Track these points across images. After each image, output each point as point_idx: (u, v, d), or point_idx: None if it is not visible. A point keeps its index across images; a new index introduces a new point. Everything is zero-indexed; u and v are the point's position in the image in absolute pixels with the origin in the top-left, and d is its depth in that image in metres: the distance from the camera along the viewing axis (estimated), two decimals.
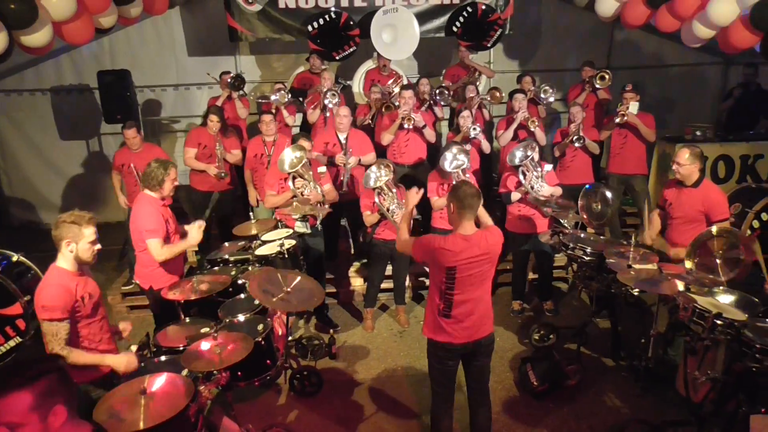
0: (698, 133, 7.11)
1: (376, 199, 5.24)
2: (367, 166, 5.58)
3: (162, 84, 8.75)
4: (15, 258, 4.90)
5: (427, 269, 6.37)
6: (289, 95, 6.94)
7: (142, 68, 8.38)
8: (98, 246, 3.37)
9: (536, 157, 5.53)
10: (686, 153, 4.57)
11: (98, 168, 8.63)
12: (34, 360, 2.00)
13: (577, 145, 6.32)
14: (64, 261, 3.29)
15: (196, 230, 4.37)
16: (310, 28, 7.49)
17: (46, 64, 8.23)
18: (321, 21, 7.48)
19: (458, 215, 3.39)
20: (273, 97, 6.84)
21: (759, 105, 7.53)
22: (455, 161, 5.33)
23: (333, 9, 7.53)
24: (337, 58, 7.71)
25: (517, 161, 5.46)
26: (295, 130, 7.14)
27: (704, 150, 6.69)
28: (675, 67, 9.06)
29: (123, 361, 3.33)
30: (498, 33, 7.82)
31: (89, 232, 3.28)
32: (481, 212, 3.73)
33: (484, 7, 7.71)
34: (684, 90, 9.11)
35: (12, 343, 4.68)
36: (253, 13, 7.67)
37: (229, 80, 7.16)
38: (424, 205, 5.58)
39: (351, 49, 7.65)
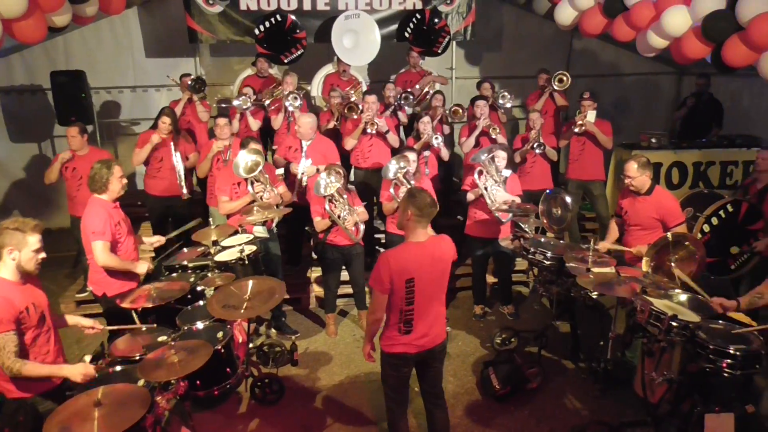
0: (653, 140, 7.31)
1: (327, 207, 5.21)
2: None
3: (119, 86, 8.56)
4: None
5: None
6: (252, 99, 6.83)
7: (98, 69, 8.18)
8: (42, 255, 3.22)
9: (502, 163, 5.58)
10: (634, 165, 4.67)
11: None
12: None
13: (537, 151, 6.42)
14: (6, 270, 3.12)
15: (144, 265, 4.41)
16: (256, 31, 7.45)
17: None
18: (267, 24, 7.43)
19: (415, 222, 3.35)
20: (236, 102, 6.73)
21: (711, 114, 7.78)
22: (397, 168, 5.29)
23: (288, 11, 7.51)
24: (285, 61, 7.68)
25: (478, 162, 5.51)
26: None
27: (659, 157, 7.00)
28: (631, 76, 9.31)
29: (80, 370, 3.17)
30: (446, 40, 7.90)
31: (33, 240, 3.14)
32: None
33: (435, 18, 7.75)
34: (639, 98, 9.37)
35: None
36: (214, 14, 7.58)
37: (189, 83, 7.02)
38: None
39: (298, 52, 7.64)
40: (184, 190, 6.17)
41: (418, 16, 7.79)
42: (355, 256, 5.61)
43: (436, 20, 7.81)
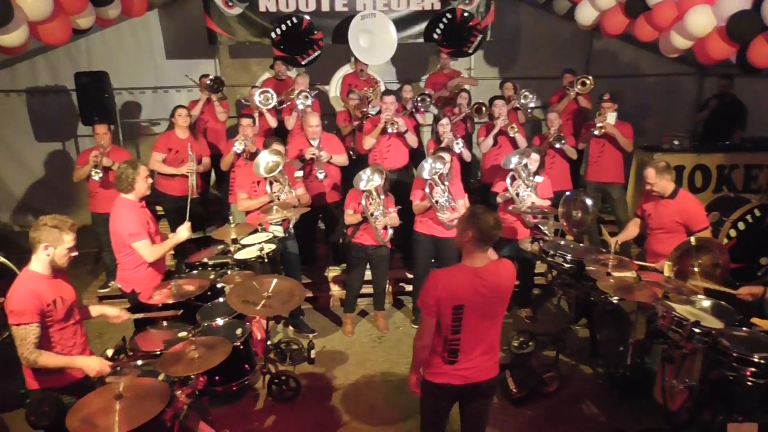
0: (675, 142, 7.22)
1: (363, 202, 5.22)
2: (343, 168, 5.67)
3: (140, 86, 8.65)
4: None
5: (409, 275, 6.42)
6: (273, 98, 6.85)
7: (119, 70, 8.25)
8: (75, 253, 3.32)
9: (533, 166, 5.55)
10: (652, 171, 4.63)
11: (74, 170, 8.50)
12: None
13: (557, 145, 6.34)
14: (38, 264, 3.23)
15: (184, 229, 4.43)
16: (273, 34, 7.49)
17: (21, 64, 8.06)
18: (283, 26, 7.49)
19: (475, 245, 3.00)
20: (257, 99, 6.75)
21: (734, 116, 7.64)
22: (432, 169, 5.27)
23: (306, 12, 7.57)
24: (303, 63, 7.71)
25: (510, 166, 5.48)
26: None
27: (681, 160, 6.91)
28: (652, 77, 9.20)
29: (95, 364, 3.25)
30: (478, 39, 7.89)
31: (69, 239, 3.24)
32: None
33: (465, 14, 7.76)
34: (660, 100, 9.24)
35: None
36: (233, 16, 7.64)
37: (208, 83, 7.08)
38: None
39: (315, 54, 7.69)
40: (194, 191, 6.17)
41: (449, 15, 7.78)
42: (380, 257, 5.62)
43: (469, 19, 7.78)
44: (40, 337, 3.12)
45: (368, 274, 5.85)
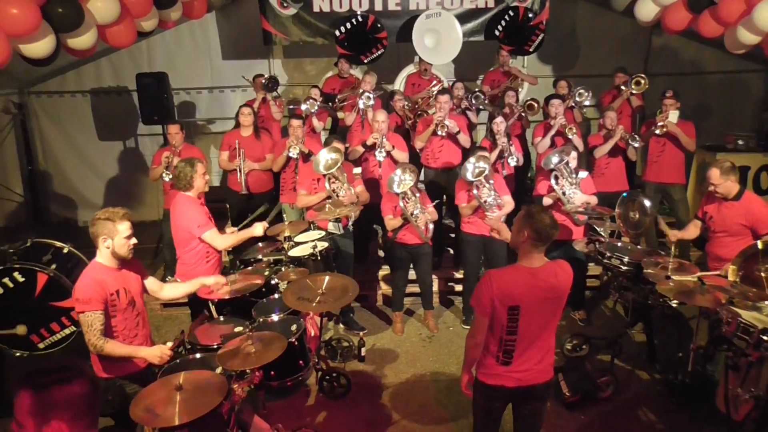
0: (740, 142, 6.95)
1: (401, 203, 5.23)
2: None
3: (197, 87, 8.89)
4: (66, 249, 5.12)
5: (458, 275, 6.39)
6: (318, 104, 6.94)
7: (177, 71, 8.51)
8: (134, 240, 3.44)
9: (573, 163, 5.44)
10: (716, 172, 4.47)
11: (135, 168, 8.83)
12: (62, 367, 1.94)
13: (635, 144, 6.18)
14: (102, 256, 3.40)
15: (260, 226, 4.62)
16: (337, 32, 7.57)
17: (86, 66, 8.44)
18: (348, 25, 7.56)
19: (531, 245, 2.97)
20: (303, 107, 6.87)
21: None
22: (476, 169, 5.24)
23: (360, 12, 7.61)
24: (366, 61, 7.75)
25: (551, 165, 5.39)
26: (325, 134, 7.16)
27: (746, 160, 6.66)
28: (714, 75, 8.85)
29: (156, 353, 3.39)
30: (540, 38, 7.77)
31: (123, 228, 3.37)
32: None
33: (530, 15, 7.65)
34: (724, 98, 8.88)
35: (67, 331, 4.98)
36: (288, 16, 7.77)
37: (263, 82, 7.22)
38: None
39: (379, 52, 7.70)
40: (243, 187, 6.33)
41: (511, 13, 7.71)
42: (423, 255, 5.62)
43: (531, 17, 7.70)
44: (105, 325, 3.28)
45: (413, 273, 5.86)
